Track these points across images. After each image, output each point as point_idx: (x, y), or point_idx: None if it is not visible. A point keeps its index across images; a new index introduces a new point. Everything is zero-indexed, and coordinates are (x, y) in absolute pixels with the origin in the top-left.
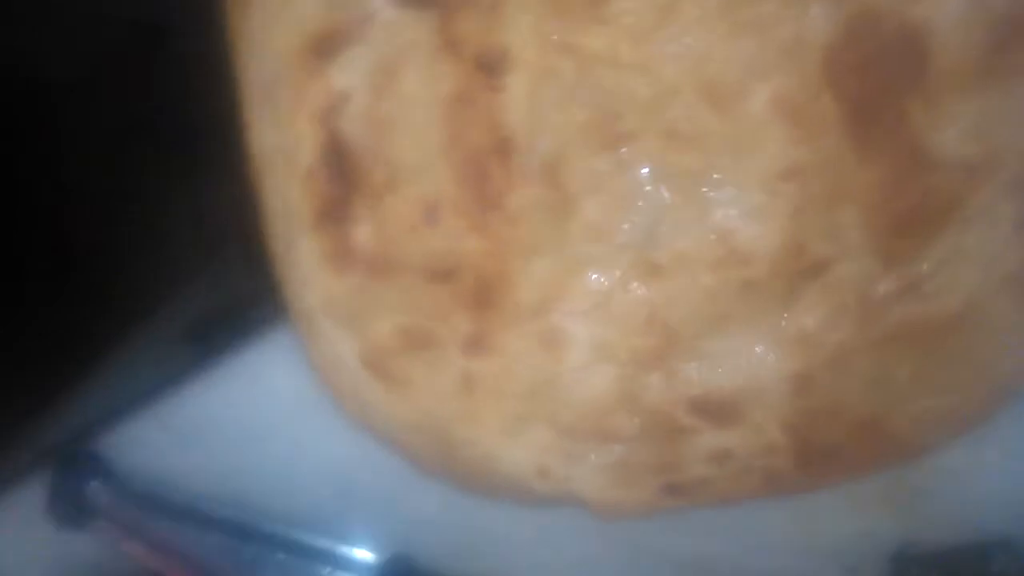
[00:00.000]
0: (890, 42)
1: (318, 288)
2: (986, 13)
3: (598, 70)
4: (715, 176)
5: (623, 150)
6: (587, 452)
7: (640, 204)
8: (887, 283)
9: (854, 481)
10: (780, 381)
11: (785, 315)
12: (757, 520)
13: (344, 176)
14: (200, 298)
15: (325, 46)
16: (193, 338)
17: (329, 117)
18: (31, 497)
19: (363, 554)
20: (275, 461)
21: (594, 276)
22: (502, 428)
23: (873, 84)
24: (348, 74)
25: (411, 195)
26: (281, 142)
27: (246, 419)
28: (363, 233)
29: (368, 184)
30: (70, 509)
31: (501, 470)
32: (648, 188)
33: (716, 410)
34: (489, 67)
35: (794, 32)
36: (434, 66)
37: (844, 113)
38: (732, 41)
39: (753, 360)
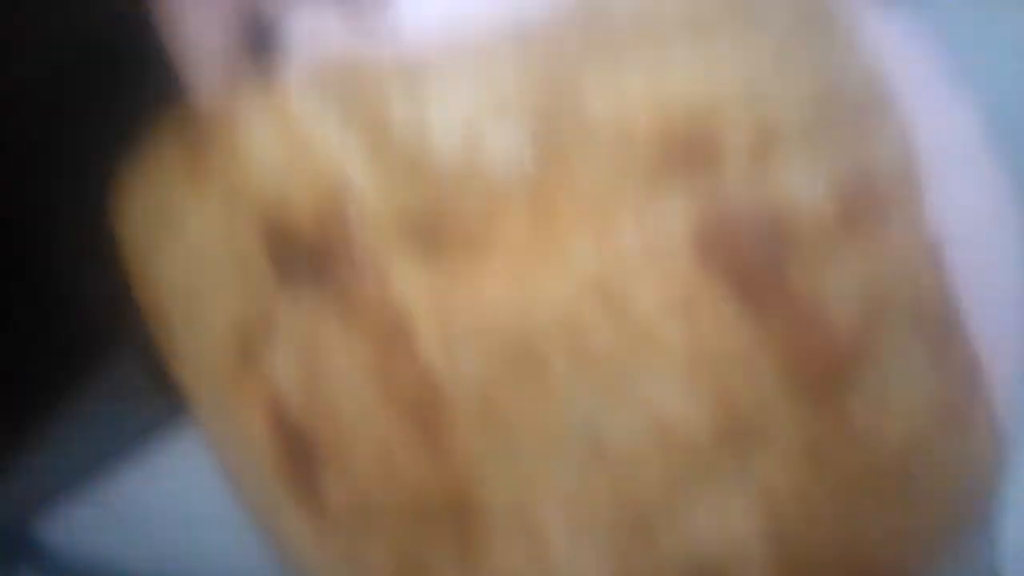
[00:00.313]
0: (750, 221)
1: (311, 553)
2: (830, 177)
3: (494, 310)
4: (632, 376)
5: (541, 373)
6: None
7: (573, 414)
8: (823, 432)
9: None
10: (754, 538)
11: (741, 477)
12: None
13: (302, 452)
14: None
15: (248, 355)
16: (125, 415)
17: (273, 407)
18: None
19: None
20: (223, 543)
21: (554, 476)
22: None
23: (748, 261)
24: (277, 371)
25: (366, 452)
26: (235, 436)
27: (191, 498)
28: (335, 495)
29: (327, 454)
30: None
31: None
32: (575, 399)
33: (703, 573)
34: (396, 330)
35: (657, 233)
36: (349, 342)
37: (731, 292)
38: (601, 254)
39: (724, 522)
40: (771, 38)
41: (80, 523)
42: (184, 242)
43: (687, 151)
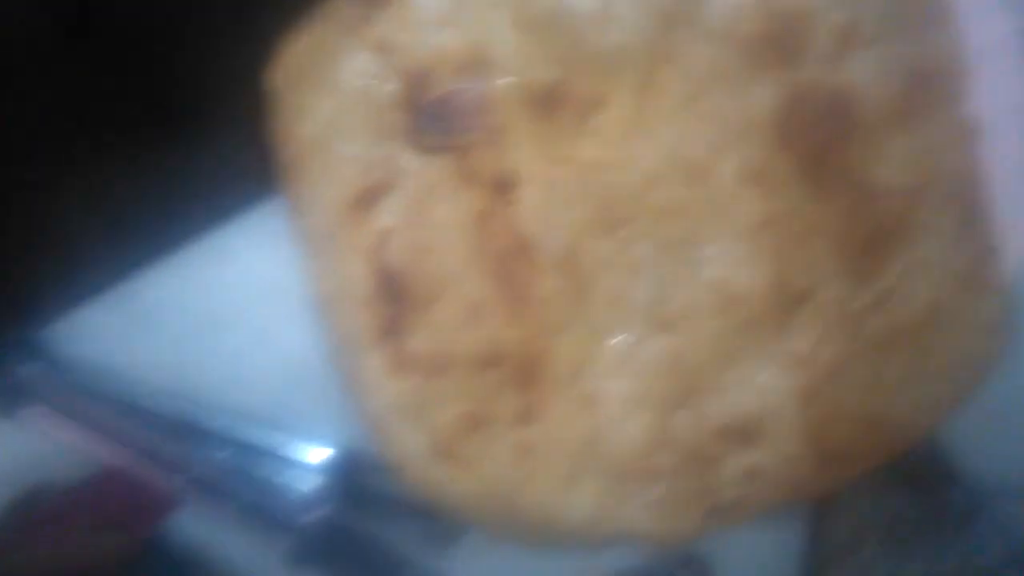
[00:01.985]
0: (823, 104)
1: (383, 393)
2: (893, 69)
3: (592, 172)
4: (702, 239)
5: (622, 232)
6: (635, 492)
7: (644, 273)
8: (862, 299)
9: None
10: (789, 398)
11: (783, 341)
12: None
13: (396, 297)
14: (171, 166)
15: (366, 199)
16: (158, 213)
17: (377, 253)
18: None
19: (315, 451)
20: (232, 351)
21: (616, 339)
22: (557, 486)
23: (817, 139)
24: (388, 216)
25: (453, 301)
26: (339, 280)
27: (205, 305)
28: (418, 341)
29: (416, 299)
30: (2, 392)
31: (561, 523)
32: (648, 258)
33: (740, 433)
34: (503, 186)
35: (743, 112)
36: (458, 194)
37: (799, 167)
38: (694, 128)
39: (763, 384)
40: None
41: (94, 325)
42: (336, 92)
43: (780, 44)
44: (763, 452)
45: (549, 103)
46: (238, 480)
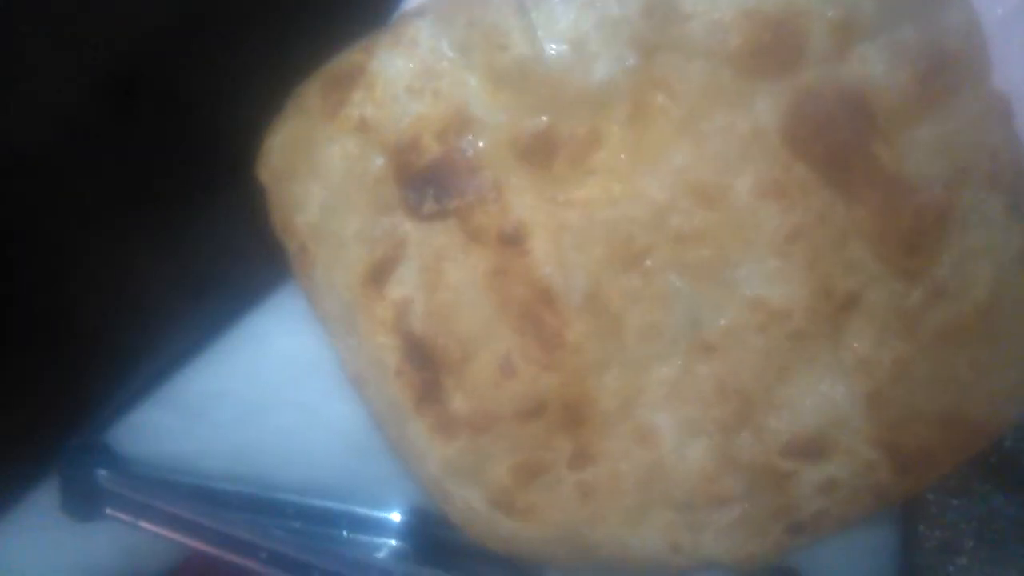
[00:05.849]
0: (834, 105)
1: (434, 458)
2: (904, 56)
3: (600, 210)
4: (731, 260)
5: (646, 263)
6: (708, 519)
7: (676, 301)
8: (916, 295)
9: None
10: (855, 406)
11: (839, 349)
12: None
13: (427, 364)
14: (198, 262)
15: (377, 274)
16: (193, 309)
17: (400, 323)
18: (46, 498)
19: (386, 514)
20: (284, 429)
21: (660, 369)
22: (626, 521)
23: (834, 142)
24: (403, 286)
25: (486, 358)
26: (368, 356)
27: (250, 390)
28: (457, 402)
29: (449, 362)
30: (82, 501)
31: (637, 556)
32: (678, 285)
33: (808, 448)
34: (511, 240)
35: (749, 126)
36: (468, 255)
37: (820, 173)
38: (699, 150)
39: (825, 395)
40: None
41: (151, 424)
42: (323, 179)
43: (774, 51)
44: (836, 464)
45: (541, 151)
46: (316, 549)
